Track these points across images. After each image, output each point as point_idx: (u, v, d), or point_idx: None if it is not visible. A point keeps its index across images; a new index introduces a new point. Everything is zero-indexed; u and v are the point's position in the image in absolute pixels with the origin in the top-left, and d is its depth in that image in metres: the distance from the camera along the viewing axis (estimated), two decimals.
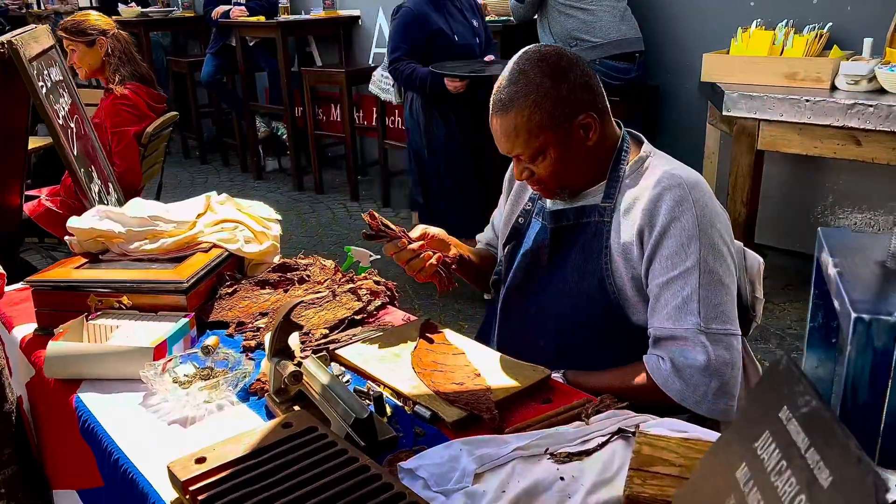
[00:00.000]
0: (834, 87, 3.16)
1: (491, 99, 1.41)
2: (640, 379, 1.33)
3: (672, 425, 1.13)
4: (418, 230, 1.53)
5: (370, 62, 5.69)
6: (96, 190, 2.44)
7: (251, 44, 5.88)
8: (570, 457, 1.03)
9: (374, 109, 5.23)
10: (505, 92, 1.38)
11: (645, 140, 1.48)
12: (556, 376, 1.37)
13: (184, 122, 6.90)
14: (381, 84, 4.81)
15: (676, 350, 1.29)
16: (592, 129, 1.38)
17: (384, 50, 5.18)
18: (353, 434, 1.08)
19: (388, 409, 1.22)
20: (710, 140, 3.85)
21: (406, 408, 1.24)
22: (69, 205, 3.02)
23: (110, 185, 2.69)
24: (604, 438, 1.07)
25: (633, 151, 1.45)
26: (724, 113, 3.25)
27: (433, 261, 1.48)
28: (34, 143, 3.43)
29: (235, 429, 1.18)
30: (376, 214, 1.48)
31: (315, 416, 1.17)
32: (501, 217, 1.67)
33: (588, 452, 1.04)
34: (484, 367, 1.34)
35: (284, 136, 6.03)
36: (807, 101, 3.00)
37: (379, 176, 5.35)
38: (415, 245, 1.47)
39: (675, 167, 1.40)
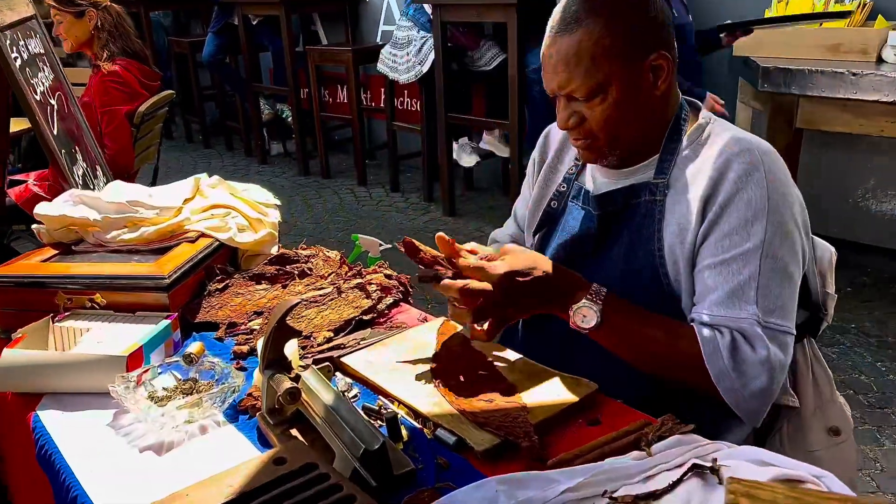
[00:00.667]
0: (880, 60, 2.93)
1: (550, 21, 1.17)
2: (685, 345, 1.10)
3: (752, 455, 0.92)
4: (468, 249, 1.20)
5: (378, 40, 5.45)
6: (80, 173, 2.24)
7: (254, 22, 5.68)
8: (635, 501, 0.83)
9: (383, 90, 5.01)
10: (572, 9, 1.14)
11: (702, 106, 1.26)
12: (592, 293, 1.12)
13: (186, 104, 6.72)
14: (390, 63, 4.57)
15: (736, 333, 1.09)
16: (664, 75, 1.16)
17: (392, 27, 4.95)
18: (363, 470, 0.87)
19: (405, 433, 1.01)
20: (741, 118, 3.61)
21: (426, 431, 1.03)
22: (57, 189, 2.81)
23: (98, 168, 2.48)
24: (674, 476, 0.86)
25: (691, 120, 1.24)
26: (760, 89, 3.01)
27: None
28: (23, 124, 3.22)
29: (220, 457, 0.99)
30: (416, 242, 1.15)
31: (316, 441, 0.97)
32: (529, 203, 1.45)
33: (656, 495, 0.83)
34: (516, 378, 1.13)
35: (289, 119, 5.81)
36: (852, 74, 2.76)
37: (387, 159, 5.13)
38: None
39: (742, 133, 1.18)
